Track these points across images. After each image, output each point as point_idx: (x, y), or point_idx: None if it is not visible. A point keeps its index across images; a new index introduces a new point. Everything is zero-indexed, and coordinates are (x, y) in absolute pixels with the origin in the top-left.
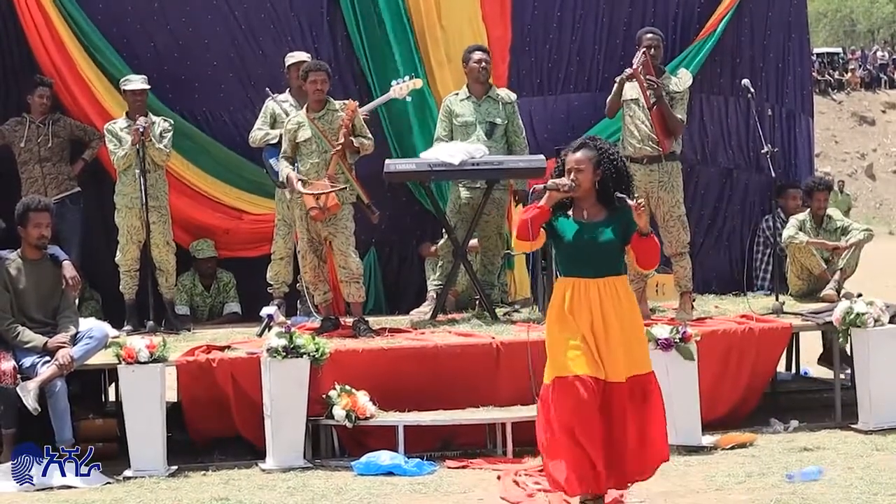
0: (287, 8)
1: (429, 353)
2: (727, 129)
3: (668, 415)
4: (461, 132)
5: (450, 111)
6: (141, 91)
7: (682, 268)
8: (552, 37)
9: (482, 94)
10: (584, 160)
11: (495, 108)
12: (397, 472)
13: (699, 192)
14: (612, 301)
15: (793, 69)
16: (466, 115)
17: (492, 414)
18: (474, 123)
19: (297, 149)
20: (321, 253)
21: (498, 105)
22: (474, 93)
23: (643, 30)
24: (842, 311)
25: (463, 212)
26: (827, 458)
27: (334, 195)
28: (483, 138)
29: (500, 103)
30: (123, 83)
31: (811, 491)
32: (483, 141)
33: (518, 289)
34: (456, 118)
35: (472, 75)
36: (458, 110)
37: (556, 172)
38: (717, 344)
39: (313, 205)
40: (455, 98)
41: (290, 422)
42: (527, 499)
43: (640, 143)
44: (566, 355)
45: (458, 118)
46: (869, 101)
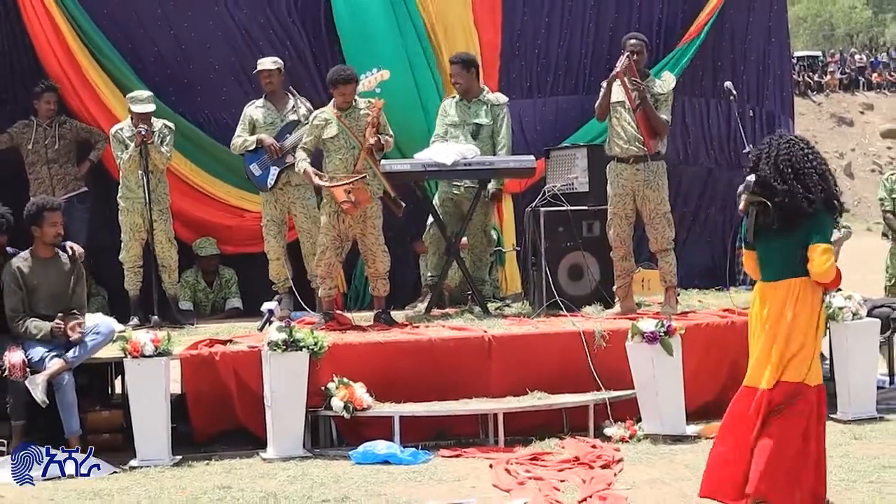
0: (286, 13)
1: (423, 347)
2: (709, 129)
3: (654, 405)
4: (450, 132)
5: (444, 112)
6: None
7: (667, 263)
8: (541, 42)
9: (472, 97)
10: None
11: (483, 110)
12: (393, 461)
13: (682, 191)
14: None
15: (773, 72)
16: (454, 116)
17: (484, 405)
18: (461, 125)
19: (322, 145)
20: (341, 253)
21: (486, 107)
22: (464, 97)
23: (628, 35)
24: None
25: (446, 206)
26: None
27: (364, 189)
28: (469, 139)
29: (487, 105)
30: (130, 101)
31: None
32: (470, 142)
33: (509, 284)
34: (446, 118)
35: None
36: (450, 111)
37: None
38: (701, 337)
39: (345, 199)
40: (451, 101)
41: (289, 413)
42: (518, 487)
43: (626, 144)
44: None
45: (447, 118)
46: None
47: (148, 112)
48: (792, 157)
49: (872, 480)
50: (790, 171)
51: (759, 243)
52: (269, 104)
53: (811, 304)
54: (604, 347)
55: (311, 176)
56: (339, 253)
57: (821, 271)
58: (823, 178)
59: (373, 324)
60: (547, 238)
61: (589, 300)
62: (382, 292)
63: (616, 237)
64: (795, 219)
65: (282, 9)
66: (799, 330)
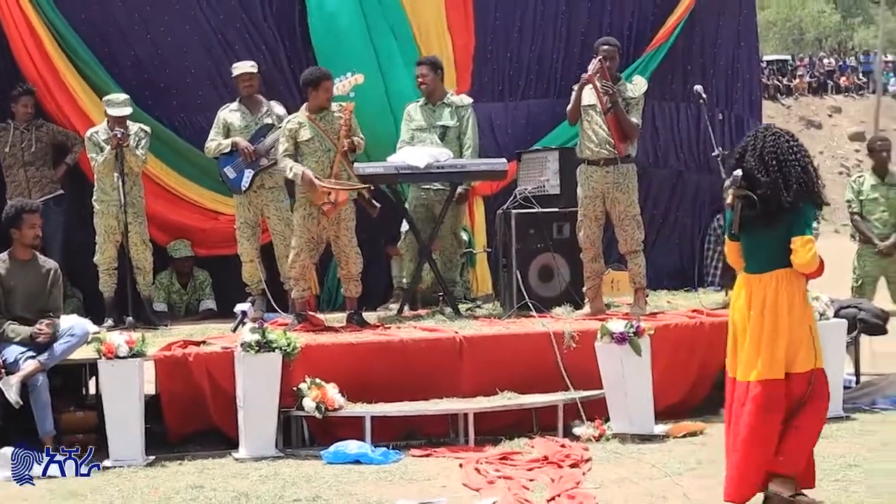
0: (261, 17)
1: (395, 347)
2: (679, 133)
3: (623, 405)
4: (417, 136)
5: (409, 116)
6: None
7: (637, 265)
8: (513, 46)
9: (437, 100)
10: None
11: (448, 113)
12: (364, 460)
13: (652, 193)
14: None
15: (742, 76)
16: (420, 120)
17: (455, 405)
18: (427, 128)
19: (298, 148)
20: (315, 255)
21: (451, 109)
22: (429, 100)
23: (600, 40)
24: None
25: (418, 212)
26: None
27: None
28: (437, 142)
29: (452, 107)
30: (106, 104)
31: None
32: (437, 144)
33: (480, 285)
34: (412, 122)
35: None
36: (414, 115)
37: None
38: (669, 337)
39: (325, 200)
40: (415, 105)
41: (262, 413)
42: (487, 486)
43: (597, 147)
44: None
45: (414, 122)
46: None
47: (124, 115)
48: (777, 150)
49: (838, 479)
50: (774, 164)
51: (744, 236)
52: (243, 108)
53: (802, 292)
54: (573, 348)
55: (312, 179)
56: (314, 255)
57: (804, 262)
58: (806, 171)
59: (345, 325)
60: (518, 240)
61: (559, 301)
62: (355, 294)
63: (586, 239)
64: (778, 211)
65: (257, 13)
66: (798, 319)
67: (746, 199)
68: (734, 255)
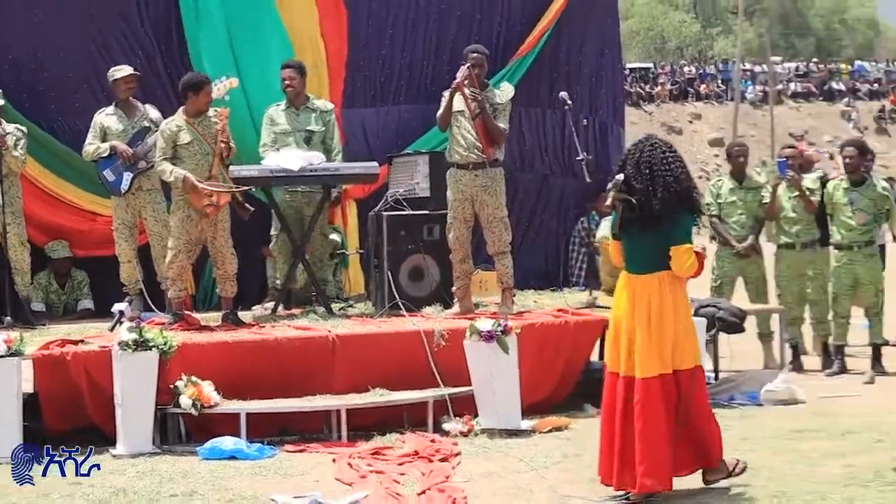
0: (138, 23)
1: (270, 346)
2: (545, 138)
3: (491, 401)
4: (280, 140)
5: (272, 120)
6: None
7: (504, 265)
8: (385, 52)
9: (300, 104)
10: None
11: (313, 117)
12: (240, 456)
13: (519, 196)
14: None
15: (606, 83)
16: (284, 124)
17: (328, 402)
18: (292, 132)
19: (175, 151)
20: (193, 256)
21: (315, 114)
22: (293, 103)
23: (470, 47)
24: None
25: (287, 214)
26: None
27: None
28: (302, 145)
29: (317, 112)
30: None
31: None
32: (303, 148)
33: (353, 286)
34: (275, 126)
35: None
36: (277, 119)
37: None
38: (535, 336)
39: (208, 202)
40: (276, 108)
41: (139, 410)
42: (360, 480)
43: (466, 152)
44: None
45: (277, 126)
46: (677, 113)
47: None
48: (652, 160)
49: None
50: (647, 172)
51: (625, 237)
52: (119, 112)
53: (683, 292)
54: (443, 346)
55: (194, 182)
56: (191, 256)
57: (682, 270)
58: (678, 181)
59: (221, 324)
60: (389, 241)
61: (429, 301)
62: (230, 293)
63: (455, 240)
64: (651, 218)
65: (134, 18)
66: (682, 318)
67: (626, 203)
68: (616, 253)
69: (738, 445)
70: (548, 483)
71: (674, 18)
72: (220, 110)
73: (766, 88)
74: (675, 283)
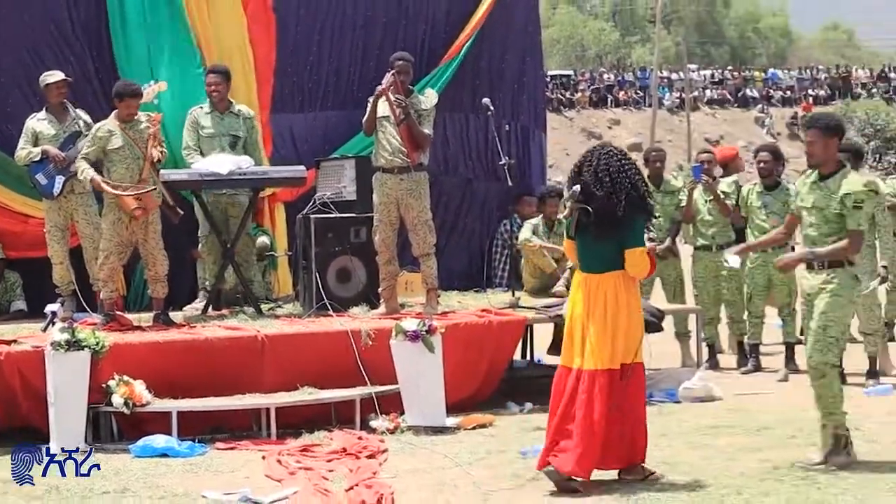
0: (69, 29)
1: (200, 346)
2: (468, 142)
3: (417, 399)
4: (206, 143)
5: (196, 123)
6: None
7: (429, 267)
8: (312, 59)
9: (224, 108)
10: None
11: (237, 123)
12: (171, 453)
13: (443, 199)
14: None
15: (528, 89)
16: (209, 127)
17: (257, 400)
18: (217, 136)
19: (105, 156)
20: (124, 257)
21: (239, 120)
22: (217, 108)
23: (395, 54)
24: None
25: (214, 214)
26: None
27: (151, 195)
28: (227, 149)
29: (241, 118)
30: None
31: None
32: (227, 152)
33: (281, 286)
34: (202, 129)
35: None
36: (203, 122)
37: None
38: (460, 335)
39: (136, 205)
40: (201, 111)
41: (72, 409)
42: (289, 476)
43: (391, 156)
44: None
45: (204, 130)
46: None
47: None
48: (610, 167)
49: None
50: (608, 180)
51: (580, 239)
52: (51, 116)
53: (636, 293)
54: (370, 345)
55: (101, 183)
56: (122, 257)
57: (637, 271)
58: (635, 186)
59: (152, 324)
60: (317, 243)
61: (356, 301)
62: (161, 294)
63: (381, 242)
64: (611, 222)
65: (65, 24)
66: (635, 317)
67: (582, 210)
68: (571, 252)
69: (657, 441)
70: (472, 479)
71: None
72: (153, 115)
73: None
74: (629, 282)
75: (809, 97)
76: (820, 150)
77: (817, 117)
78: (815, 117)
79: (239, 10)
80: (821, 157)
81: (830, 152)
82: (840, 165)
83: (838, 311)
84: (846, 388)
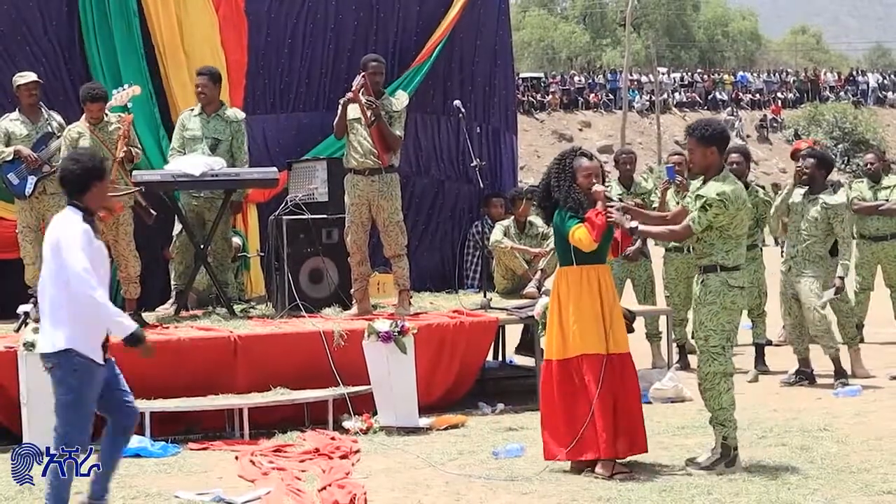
0: (41, 31)
1: (173, 346)
2: (439, 144)
3: (389, 399)
4: (189, 145)
5: (182, 125)
6: None
7: (401, 268)
8: (284, 61)
9: (212, 111)
10: None
11: (221, 126)
12: (144, 454)
13: (414, 201)
14: None
15: (499, 91)
16: (194, 129)
17: (230, 401)
18: (201, 138)
19: None
20: None
21: (224, 123)
22: (205, 110)
23: (367, 57)
24: (542, 307)
25: (188, 217)
26: (529, 437)
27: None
28: (207, 152)
29: (226, 122)
30: None
31: (515, 465)
32: (208, 155)
33: (254, 287)
34: (186, 131)
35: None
36: (188, 125)
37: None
38: (432, 336)
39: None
40: (189, 113)
41: (44, 409)
42: (262, 477)
43: (362, 158)
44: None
45: (187, 131)
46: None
47: None
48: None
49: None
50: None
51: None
52: (24, 117)
53: (613, 286)
54: (342, 346)
55: None
56: None
57: (583, 245)
58: (547, 186)
59: None
60: (289, 244)
61: (328, 302)
62: (133, 295)
63: (353, 243)
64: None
65: (37, 25)
66: (618, 308)
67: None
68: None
69: None
70: (444, 479)
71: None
72: (124, 116)
73: (653, 98)
74: (605, 275)
75: (778, 100)
76: (699, 158)
77: (695, 126)
78: (693, 126)
79: (211, 13)
80: (700, 165)
81: (709, 160)
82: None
83: (714, 319)
84: (816, 389)
